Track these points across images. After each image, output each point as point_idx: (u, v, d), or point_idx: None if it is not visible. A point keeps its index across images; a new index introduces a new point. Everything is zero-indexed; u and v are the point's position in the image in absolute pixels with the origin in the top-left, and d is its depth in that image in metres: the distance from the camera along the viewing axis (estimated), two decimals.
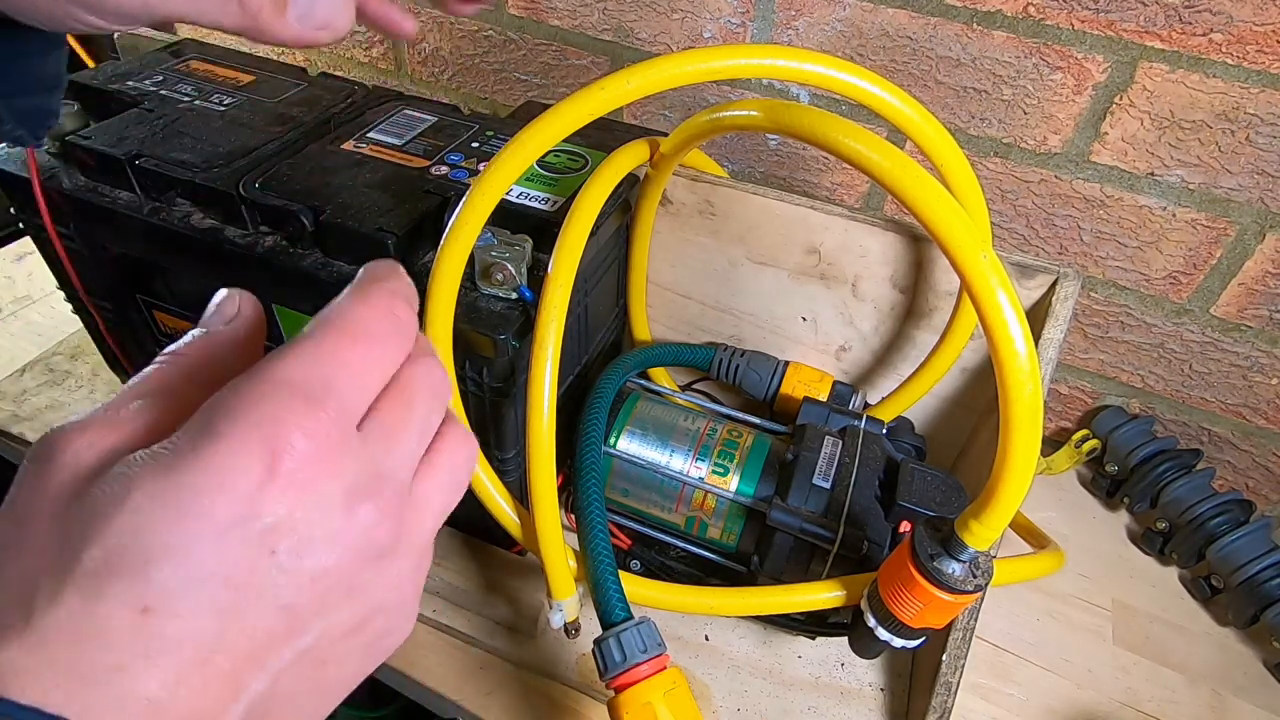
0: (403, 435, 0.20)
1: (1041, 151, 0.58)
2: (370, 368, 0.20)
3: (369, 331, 0.20)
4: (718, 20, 0.63)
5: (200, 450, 0.16)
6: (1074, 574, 0.59)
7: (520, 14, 0.71)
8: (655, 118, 0.71)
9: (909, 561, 0.34)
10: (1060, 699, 0.51)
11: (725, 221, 0.52)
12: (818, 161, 0.67)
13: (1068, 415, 0.71)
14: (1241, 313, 0.58)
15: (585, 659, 0.49)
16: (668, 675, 0.37)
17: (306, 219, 0.42)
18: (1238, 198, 0.55)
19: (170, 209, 0.45)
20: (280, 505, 0.17)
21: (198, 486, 0.16)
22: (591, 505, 0.43)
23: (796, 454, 0.46)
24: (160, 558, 0.15)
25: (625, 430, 0.49)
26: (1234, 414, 0.63)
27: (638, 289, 0.56)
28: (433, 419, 0.22)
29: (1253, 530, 0.55)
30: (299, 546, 0.17)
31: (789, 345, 0.56)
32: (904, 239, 0.48)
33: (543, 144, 0.39)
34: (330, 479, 0.18)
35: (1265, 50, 0.49)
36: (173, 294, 0.49)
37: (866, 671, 0.50)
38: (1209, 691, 0.53)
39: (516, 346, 0.40)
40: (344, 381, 0.19)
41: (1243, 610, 0.55)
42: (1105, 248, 0.60)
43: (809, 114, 0.34)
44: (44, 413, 0.61)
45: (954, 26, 0.56)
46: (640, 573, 0.49)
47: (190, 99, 0.51)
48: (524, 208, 0.45)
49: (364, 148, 0.48)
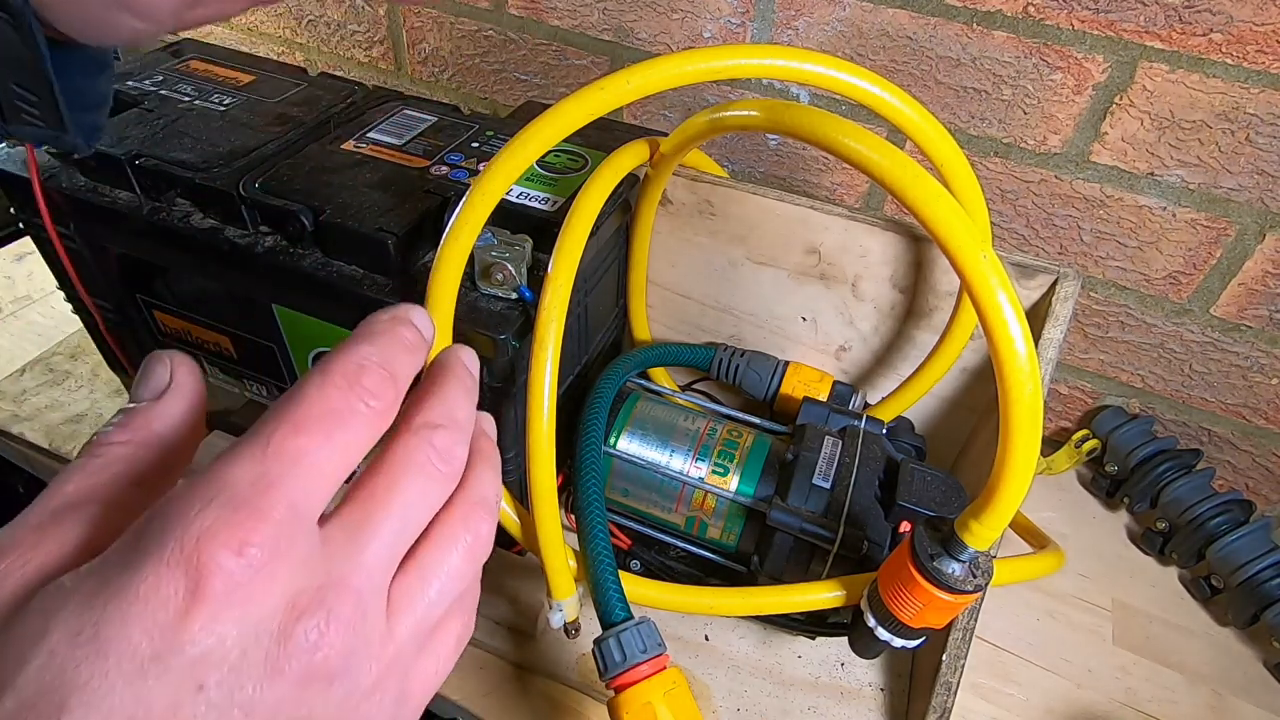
0: (375, 527, 0.18)
1: (1041, 151, 0.58)
2: (327, 457, 0.17)
3: (326, 413, 0.17)
4: (718, 20, 0.63)
5: (125, 576, 0.15)
6: (1074, 574, 0.59)
7: (520, 14, 0.71)
8: (655, 118, 0.71)
9: (909, 561, 0.34)
10: (1060, 699, 0.51)
11: (725, 221, 0.52)
12: (818, 161, 0.67)
13: (1068, 415, 0.71)
14: (1241, 313, 0.58)
15: (585, 659, 0.49)
16: (668, 675, 0.37)
17: (306, 219, 0.42)
18: (1238, 198, 0.55)
19: (170, 209, 0.45)
20: (207, 634, 0.15)
21: (118, 619, 0.14)
22: (591, 505, 0.43)
23: (796, 454, 0.46)
24: (75, 705, 0.14)
25: (625, 430, 0.49)
26: (1234, 414, 0.63)
27: (638, 289, 0.56)
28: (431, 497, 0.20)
29: (1253, 530, 0.55)
30: (229, 679, 0.15)
31: (789, 345, 0.56)
32: (904, 239, 0.48)
33: (543, 144, 0.38)
34: (266, 597, 0.16)
35: (1265, 50, 0.49)
36: (173, 294, 0.49)
37: (866, 671, 0.50)
38: (1209, 691, 0.53)
39: (516, 346, 0.40)
40: (293, 480, 0.16)
41: (1243, 610, 0.55)
42: (1105, 248, 0.60)
43: (809, 114, 0.34)
44: (44, 413, 0.61)
45: (954, 26, 0.56)
46: (640, 573, 0.49)
47: (190, 99, 0.51)
48: (524, 208, 0.45)
49: (364, 148, 0.48)
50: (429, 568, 0.20)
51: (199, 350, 0.51)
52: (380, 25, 0.78)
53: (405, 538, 0.19)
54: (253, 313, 0.46)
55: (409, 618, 0.19)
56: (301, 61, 0.87)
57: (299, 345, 0.46)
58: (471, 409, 0.22)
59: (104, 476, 0.18)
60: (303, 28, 0.84)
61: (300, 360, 0.47)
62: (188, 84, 0.52)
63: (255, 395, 0.52)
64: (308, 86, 0.54)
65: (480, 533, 0.21)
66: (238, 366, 0.51)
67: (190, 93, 0.51)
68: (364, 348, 0.19)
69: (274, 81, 0.54)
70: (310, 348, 0.46)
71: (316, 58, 0.85)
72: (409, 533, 0.19)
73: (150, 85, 0.52)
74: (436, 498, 0.20)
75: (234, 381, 0.52)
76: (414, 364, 0.21)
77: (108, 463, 0.18)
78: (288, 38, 0.86)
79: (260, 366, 0.50)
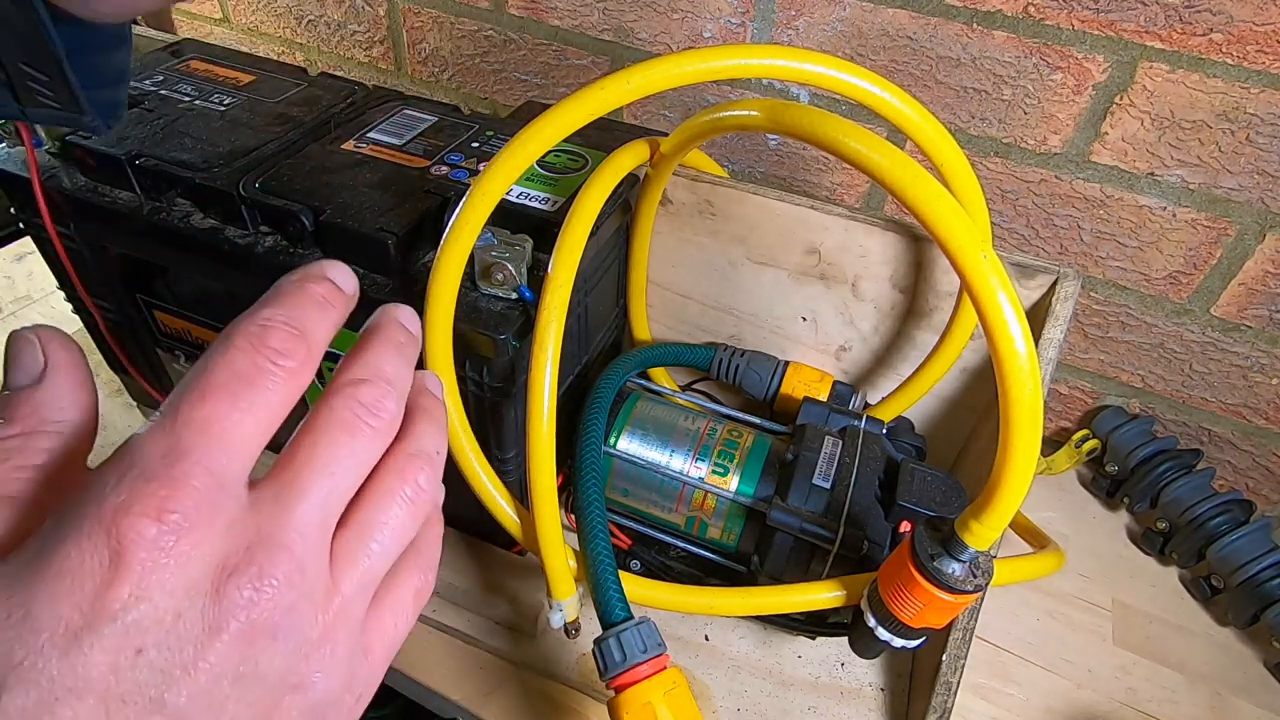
0: (302, 485, 0.18)
1: (1041, 151, 0.58)
2: (239, 420, 0.17)
3: (231, 377, 0.17)
4: (718, 20, 0.63)
5: (47, 556, 0.15)
6: (1074, 574, 0.59)
7: (520, 14, 0.71)
8: (655, 118, 0.71)
9: (909, 561, 0.34)
10: (1060, 699, 0.51)
11: (725, 221, 0.52)
12: (818, 161, 0.67)
13: (1068, 415, 0.70)
14: (1241, 313, 0.58)
15: (585, 659, 0.49)
16: (668, 675, 0.37)
17: (306, 219, 0.42)
18: (1238, 198, 0.55)
19: (170, 209, 0.45)
20: (137, 600, 0.15)
21: (45, 597, 0.15)
22: (591, 505, 0.43)
23: (796, 454, 0.46)
24: (14, 683, 0.14)
25: (625, 430, 0.49)
26: (1234, 414, 0.63)
27: (638, 289, 0.56)
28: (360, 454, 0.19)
29: (1253, 530, 0.55)
30: (168, 640, 0.15)
31: (789, 345, 0.56)
32: (904, 239, 0.48)
33: (543, 144, 0.38)
34: (192, 561, 0.16)
35: (1265, 50, 0.49)
36: (173, 294, 0.49)
37: (866, 671, 0.50)
38: (1209, 691, 0.53)
39: (516, 346, 0.40)
40: (205, 447, 0.16)
41: (1243, 610, 0.55)
42: (1105, 248, 0.60)
43: (809, 114, 0.34)
44: None
45: (954, 26, 0.56)
46: (640, 573, 0.49)
47: (190, 99, 0.51)
48: (524, 208, 0.45)
49: (364, 148, 0.48)
50: (368, 522, 0.20)
51: (199, 350, 0.51)
52: (380, 25, 0.79)
53: (338, 495, 0.19)
54: None
55: (353, 571, 0.19)
56: (302, 61, 0.87)
57: None
58: (402, 364, 0.21)
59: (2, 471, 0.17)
60: (303, 28, 0.84)
61: None
62: (188, 84, 0.52)
63: None
64: (308, 86, 0.54)
65: (419, 484, 0.21)
66: None
67: (190, 93, 0.51)
68: (266, 310, 0.19)
69: (274, 81, 0.54)
70: None
71: (317, 58, 0.85)
72: (341, 490, 0.19)
73: (150, 85, 0.52)
74: (367, 453, 0.20)
75: None
76: (329, 320, 0.20)
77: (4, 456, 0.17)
78: (288, 38, 0.86)
79: None
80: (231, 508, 0.17)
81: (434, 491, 0.22)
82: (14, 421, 0.18)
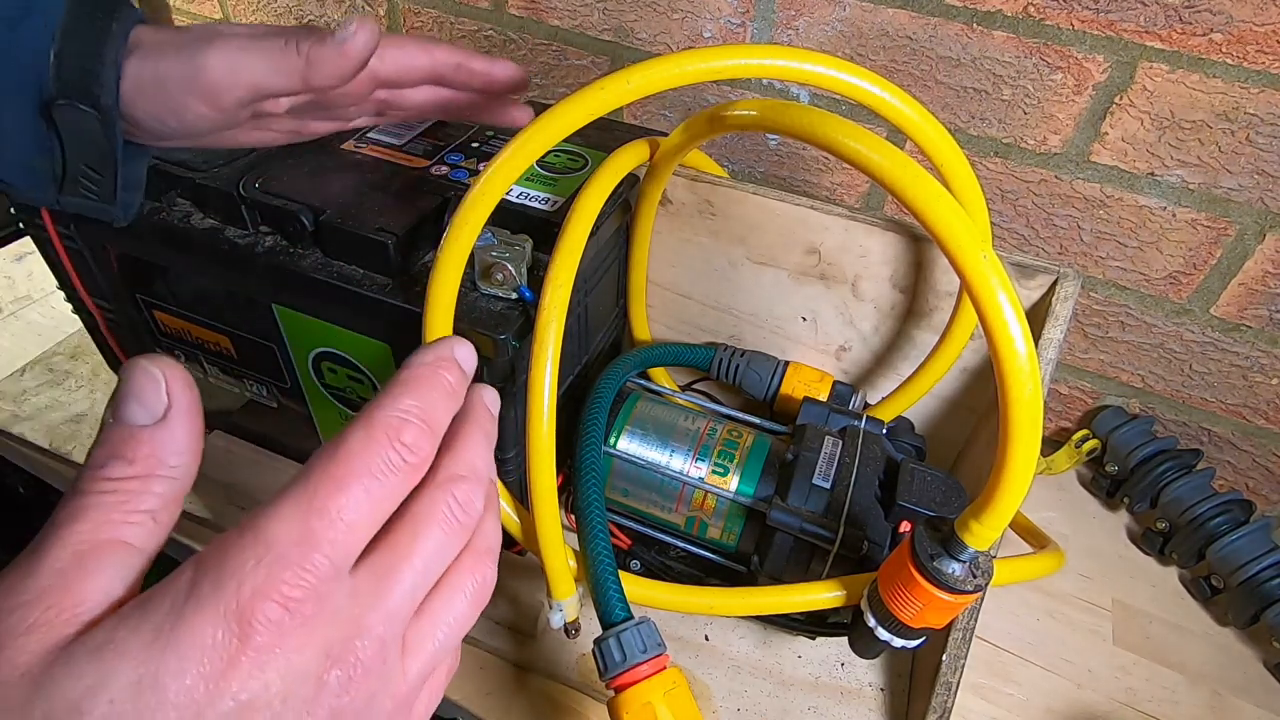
0: (398, 577, 0.19)
1: (1041, 151, 0.58)
2: (367, 512, 0.19)
3: (367, 470, 0.19)
4: (718, 20, 0.63)
5: (183, 627, 0.16)
6: (1074, 574, 0.59)
7: (520, 14, 0.71)
8: (655, 118, 0.71)
9: (909, 561, 0.34)
10: (1060, 699, 0.51)
11: (725, 221, 0.52)
12: (818, 161, 0.67)
13: (1068, 415, 0.71)
14: (1241, 313, 0.58)
15: (585, 659, 0.49)
16: (668, 675, 0.37)
17: (306, 219, 0.42)
18: (1238, 198, 0.55)
19: (170, 209, 0.45)
20: (253, 681, 0.16)
21: (176, 668, 0.15)
22: (591, 505, 0.43)
23: (796, 454, 0.46)
24: None
25: (625, 430, 0.49)
26: (1234, 414, 0.63)
27: (638, 289, 0.56)
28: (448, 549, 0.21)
29: (1253, 530, 0.55)
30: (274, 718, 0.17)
31: (789, 345, 0.56)
32: (904, 239, 0.48)
33: (543, 144, 0.38)
34: (305, 647, 0.17)
35: (1265, 50, 0.49)
36: (173, 294, 0.49)
37: (866, 671, 0.50)
38: (1209, 691, 0.53)
39: (516, 346, 0.40)
40: (333, 535, 0.18)
41: (1243, 610, 0.55)
42: (1105, 248, 0.60)
43: (809, 114, 0.34)
44: (44, 413, 0.61)
45: (954, 26, 0.56)
46: (640, 573, 0.49)
47: None
48: (524, 208, 0.45)
49: (364, 148, 0.48)
50: (439, 613, 0.21)
51: (199, 350, 0.51)
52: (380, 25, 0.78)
53: (424, 586, 0.20)
54: (252, 313, 0.46)
55: (419, 659, 0.20)
56: None
57: (299, 345, 0.46)
58: (491, 456, 0.23)
59: (119, 515, 0.18)
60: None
61: (300, 360, 0.47)
62: None
63: (255, 395, 0.52)
64: None
65: (485, 580, 0.22)
66: (237, 366, 0.51)
67: None
68: (405, 400, 0.20)
69: None
70: (310, 348, 0.46)
71: None
72: (427, 581, 0.20)
73: None
74: (453, 548, 0.21)
75: (234, 381, 0.52)
76: (453, 409, 0.22)
77: (122, 499, 0.18)
78: None
79: (260, 366, 0.50)
80: (340, 595, 0.18)
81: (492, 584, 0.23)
82: (134, 462, 0.18)
